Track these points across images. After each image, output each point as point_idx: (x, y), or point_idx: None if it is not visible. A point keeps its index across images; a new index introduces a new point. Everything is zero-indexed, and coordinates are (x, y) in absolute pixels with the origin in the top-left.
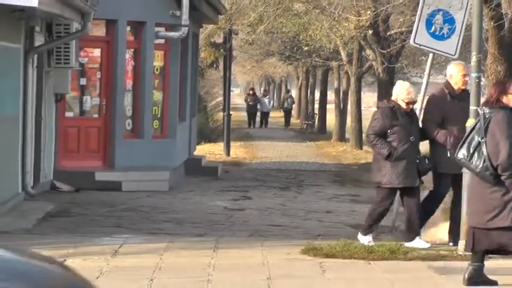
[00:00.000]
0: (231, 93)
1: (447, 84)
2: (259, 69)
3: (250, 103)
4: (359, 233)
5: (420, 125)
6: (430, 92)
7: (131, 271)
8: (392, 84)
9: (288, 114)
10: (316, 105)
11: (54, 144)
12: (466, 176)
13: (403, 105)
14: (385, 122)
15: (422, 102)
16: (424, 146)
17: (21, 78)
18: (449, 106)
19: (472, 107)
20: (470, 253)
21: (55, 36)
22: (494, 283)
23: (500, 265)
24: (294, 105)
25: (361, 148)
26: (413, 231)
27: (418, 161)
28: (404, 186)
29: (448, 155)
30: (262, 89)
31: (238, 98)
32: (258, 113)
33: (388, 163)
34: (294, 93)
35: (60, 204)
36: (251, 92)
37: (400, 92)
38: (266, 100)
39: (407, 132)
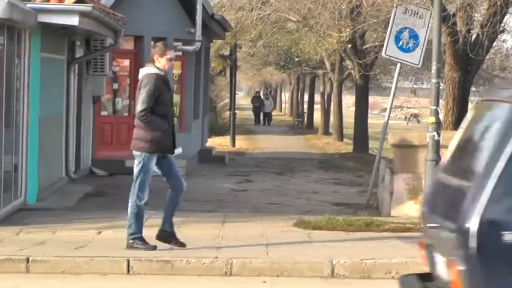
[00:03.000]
0: (236, 96)
1: None
2: (259, 76)
3: (256, 104)
4: None
5: None
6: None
7: (155, 241)
8: (368, 88)
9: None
10: (305, 106)
11: (91, 137)
12: None
13: None
14: None
15: (392, 103)
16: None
17: (64, 84)
18: None
19: (432, 107)
20: None
21: (92, 49)
22: None
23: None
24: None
25: (341, 140)
26: None
27: None
28: None
29: None
30: (262, 92)
31: (242, 99)
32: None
33: None
34: (287, 96)
35: (97, 186)
36: (257, 94)
37: None
38: (268, 102)
39: None
